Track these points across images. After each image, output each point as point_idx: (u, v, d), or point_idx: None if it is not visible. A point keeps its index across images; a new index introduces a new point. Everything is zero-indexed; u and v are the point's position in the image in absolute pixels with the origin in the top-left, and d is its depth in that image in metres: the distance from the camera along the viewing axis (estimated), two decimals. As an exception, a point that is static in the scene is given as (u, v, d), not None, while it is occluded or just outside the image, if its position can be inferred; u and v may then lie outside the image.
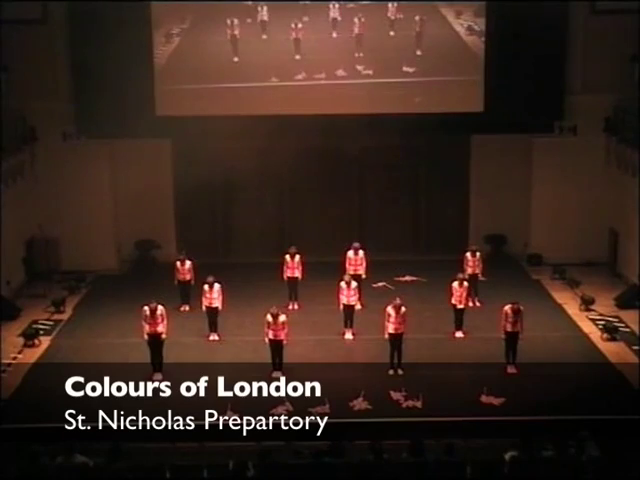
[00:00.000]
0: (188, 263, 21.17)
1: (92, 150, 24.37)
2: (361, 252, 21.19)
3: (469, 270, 21.17)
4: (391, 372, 17.94)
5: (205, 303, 19.58)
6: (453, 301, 19.59)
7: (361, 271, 21.07)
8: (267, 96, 23.67)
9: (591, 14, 23.78)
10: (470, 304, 20.60)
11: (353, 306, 19.75)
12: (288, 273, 21.23)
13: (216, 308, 19.58)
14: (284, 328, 17.74)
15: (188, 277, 21.16)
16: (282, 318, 17.73)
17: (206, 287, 19.52)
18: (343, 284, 19.60)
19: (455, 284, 19.53)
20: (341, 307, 19.68)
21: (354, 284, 19.65)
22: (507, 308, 17.95)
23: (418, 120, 23.58)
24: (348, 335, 19.76)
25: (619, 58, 23.59)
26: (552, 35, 23.50)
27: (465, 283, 19.64)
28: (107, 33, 22.76)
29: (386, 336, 17.98)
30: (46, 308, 21.97)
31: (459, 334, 19.75)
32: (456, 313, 19.70)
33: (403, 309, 17.88)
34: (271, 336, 17.76)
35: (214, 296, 19.45)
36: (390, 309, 17.92)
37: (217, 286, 19.48)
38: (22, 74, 23.47)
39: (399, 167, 26.08)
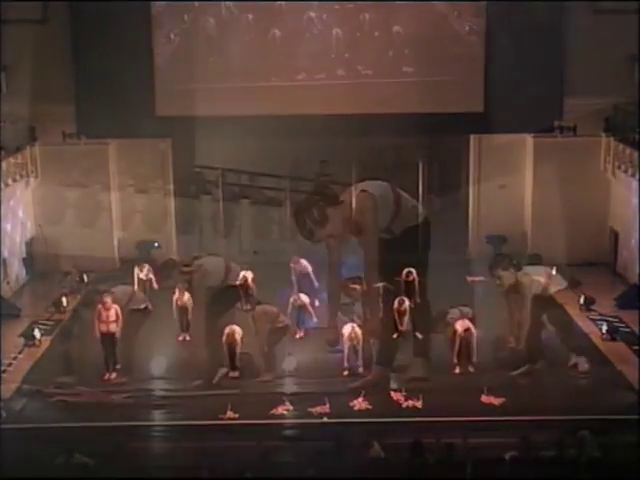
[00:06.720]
0: (146, 266, 21.40)
1: (92, 150, 24.39)
2: (303, 261, 21.12)
3: None
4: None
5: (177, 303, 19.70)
6: None
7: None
8: (267, 96, 23.67)
9: (591, 14, 23.79)
10: None
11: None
12: None
13: (186, 308, 19.64)
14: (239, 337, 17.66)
15: (149, 277, 21.35)
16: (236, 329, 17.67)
17: (177, 291, 19.60)
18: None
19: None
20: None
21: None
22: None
23: (418, 120, 23.58)
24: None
25: (619, 58, 23.62)
26: (552, 35, 23.51)
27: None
28: (107, 33, 22.79)
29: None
30: (46, 308, 21.96)
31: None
32: None
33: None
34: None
35: (184, 299, 19.50)
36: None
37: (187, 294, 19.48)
38: (22, 74, 23.49)
39: (399, 167, 26.06)
